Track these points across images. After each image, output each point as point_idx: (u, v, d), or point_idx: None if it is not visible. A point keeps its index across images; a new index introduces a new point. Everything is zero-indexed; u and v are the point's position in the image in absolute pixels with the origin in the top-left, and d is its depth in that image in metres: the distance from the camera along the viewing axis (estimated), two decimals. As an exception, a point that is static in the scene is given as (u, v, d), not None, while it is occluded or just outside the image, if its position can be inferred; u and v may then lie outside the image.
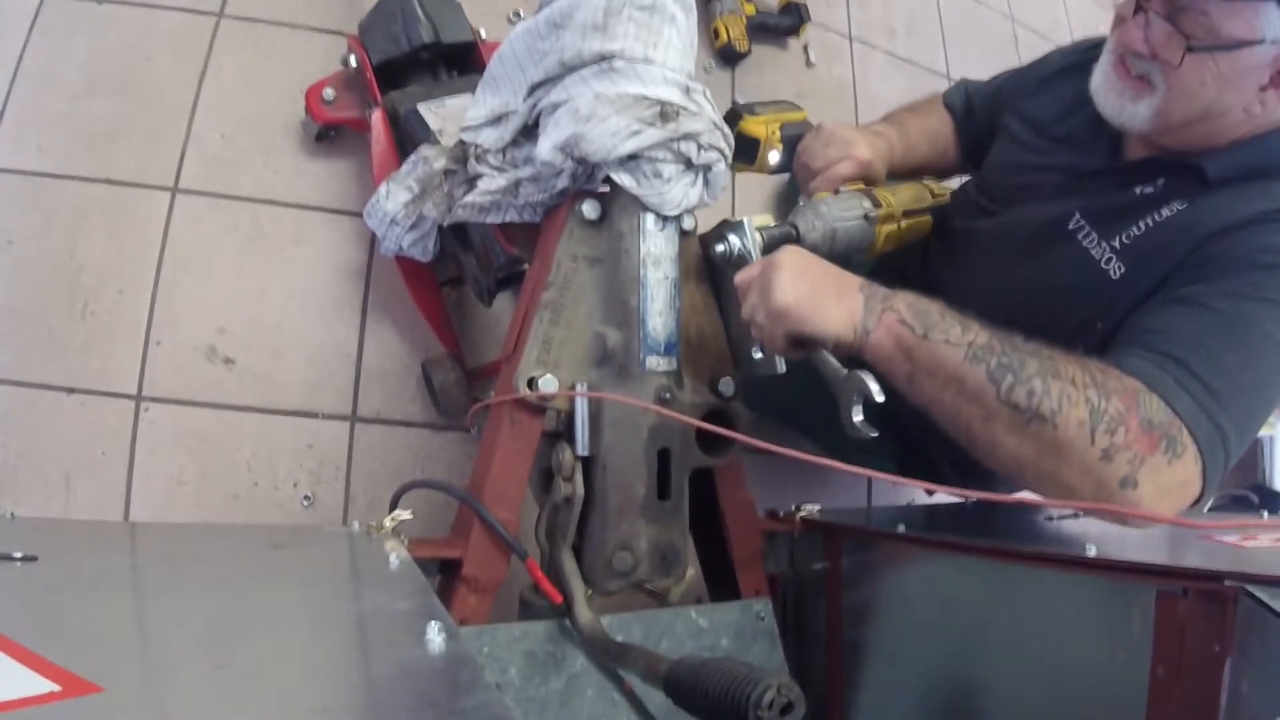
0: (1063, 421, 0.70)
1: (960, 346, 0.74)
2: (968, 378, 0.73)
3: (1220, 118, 0.84)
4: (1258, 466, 2.40)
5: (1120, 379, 0.73)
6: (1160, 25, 0.82)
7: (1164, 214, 0.87)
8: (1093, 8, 2.71)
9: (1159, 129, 0.88)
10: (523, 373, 0.86)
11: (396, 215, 1.12)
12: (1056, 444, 0.71)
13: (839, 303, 0.78)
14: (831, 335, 0.77)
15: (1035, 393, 0.71)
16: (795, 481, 1.53)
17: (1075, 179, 0.97)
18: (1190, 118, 0.85)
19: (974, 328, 0.75)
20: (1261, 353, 0.76)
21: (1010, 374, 0.72)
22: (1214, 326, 0.76)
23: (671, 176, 0.87)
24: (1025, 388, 0.71)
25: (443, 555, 0.86)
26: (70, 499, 1.19)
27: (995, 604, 0.83)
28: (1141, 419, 0.70)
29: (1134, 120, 0.88)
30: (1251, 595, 0.58)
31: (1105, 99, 0.90)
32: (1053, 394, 0.71)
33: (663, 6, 0.86)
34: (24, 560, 0.60)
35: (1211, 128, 0.86)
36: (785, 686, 0.56)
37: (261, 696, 0.43)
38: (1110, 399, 0.71)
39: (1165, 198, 0.88)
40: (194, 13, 1.41)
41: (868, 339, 0.77)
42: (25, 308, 1.23)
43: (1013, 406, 0.71)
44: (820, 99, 1.95)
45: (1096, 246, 0.90)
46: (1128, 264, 0.87)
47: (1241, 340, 0.75)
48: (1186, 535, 0.85)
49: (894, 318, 0.77)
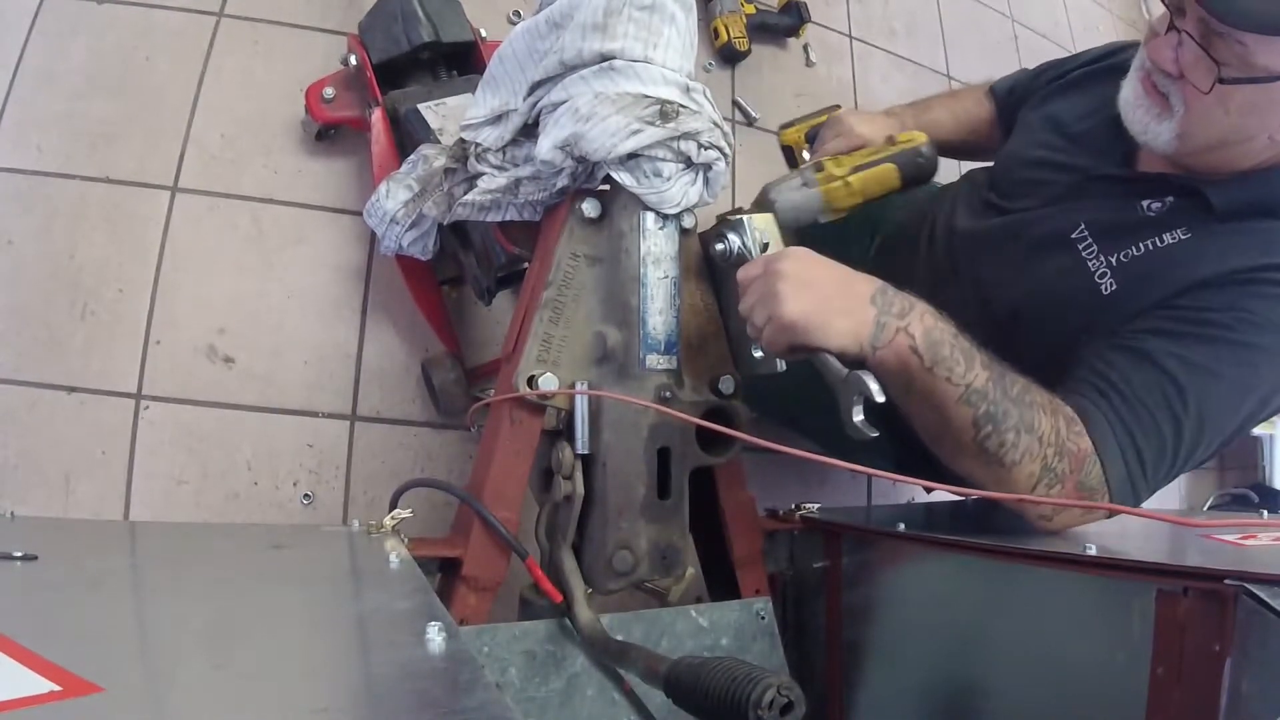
0: (1017, 472, 0.79)
1: (959, 387, 0.77)
2: (954, 417, 0.78)
3: (1243, 143, 0.84)
4: (1258, 466, 2.40)
5: (1079, 438, 0.80)
6: (1192, 47, 0.80)
7: (1166, 240, 0.87)
8: (1093, 7, 2.72)
9: (1181, 151, 0.87)
10: (523, 371, 0.86)
11: (396, 214, 1.12)
12: (1004, 482, 0.80)
13: (846, 317, 0.77)
14: (837, 349, 0.77)
15: (1005, 444, 0.78)
16: (795, 480, 1.54)
17: (1086, 180, 0.97)
18: (1211, 142, 0.85)
19: (976, 366, 0.78)
20: (1200, 432, 0.83)
21: (991, 423, 0.78)
22: (1168, 394, 0.82)
23: (671, 175, 0.87)
24: (999, 439, 0.78)
25: (443, 554, 0.86)
26: (70, 499, 1.19)
27: (995, 603, 0.83)
28: (1079, 482, 0.80)
29: (1157, 140, 0.87)
30: (1251, 595, 0.58)
31: (1132, 115, 0.89)
32: (1019, 448, 0.78)
33: (662, 6, 0.86)
34: (24, 560, 0.60)
35: (1234, 153, 0.85)
36: (785, 686, 0.56)
37: (261, 696, 0.43)
38: (1063, 459, 0.80)
39: (1170, 222, 0.88)
40: (194, 13, 1.41)
41: (874, 355, 0.77)
42: (25, 308, 1.24)
43: (982, 449, 0.79)
44: (820, 99, 1.95)
45: (1094, 259, 0.91)
46: (1120, 282, 0.88)
47: (1183, 412, 0.82)
48: (1186, 535, 0.85)
49: (906, 343, 0.77)
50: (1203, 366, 0.81)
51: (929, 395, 0.78)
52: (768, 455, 0.75)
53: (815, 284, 0.78)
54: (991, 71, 1.28)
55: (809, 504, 1.06)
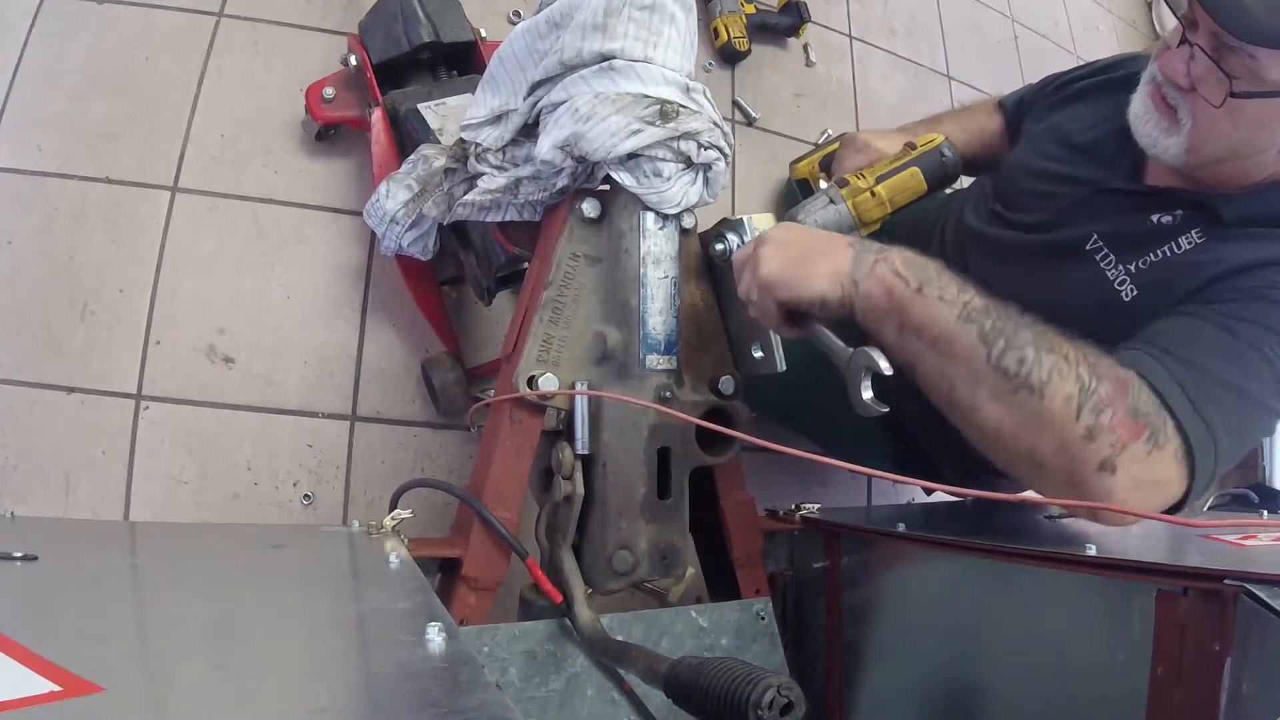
0: (1050, 393, 0.69)
1: (955, 305, 0.72)
2: (959, 337, 0.71)
3: (1253, 156, 0.83)
4: (1257, 466, 2.40)
5: (1114, 366, 0.72)
6: (1204, 60, 0.80)
7: (1181, 245, 0.87)
8: (1093, 7, 2.71)
9: (1191, 164, 0.87)
10: (523, 371, 0.86)
11: (396, 214, 1.12)
12: (1039, 415, 0.69)
13: (825, 260, 0.77)
14: (819, 294, 0.76)
15: (1027, 360, 0.69)
16: (795, 481, 1.53)
17: (1094, 194, 0.96)
18: (1220, 155, 0.84)
19: (970, 289, 0.74)
20: (1259, 375, 0.75)
21: (1003, 338, 0.70)
22: (1214, 339, 0.75)
23: (671, 175, 0.87)
24: (1017, 354, 0.70)
25: (443, 555, 0.86)
26: (70, 499, 1.19)
27: (995, 603, 0.83)
28: (1130, 405, 0.69)
29: (1166, 154, 0.87)
30: (1251, 595, 0.58)
31: (1142, 128, 0.89)
32: (1044, 364, 0.69)
33: (662, 6, 0.86)
34: (24, 560, 0.59)
35: (1244, 166, 0.85)
36: (785, 686, 0.56)
37: (261, 696, 0.43)
38: (1102, 381, 0.69)
39: (1183, 228, 0.87)
40: (194, 13, 1.41)
41: (857, 290, 0.75)
42: (25, 308, 1.23)
43: (1001, 372, 0.70)
44: (820, 99, 1.95)
45: (1113, 269, 0.90)
46: (1140, 288, 0.87)
47: (1240, 357, 0.74)
48: (1186, 534, 0.85)
49: (887, 269, 0.75)
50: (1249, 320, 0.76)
51: (925, 322, 0.73)
52: (768, 455, 0.75)
53: (795, 243, 0.80)
54: (991, 71, 1.29)
55: (809, 504, 1.06)
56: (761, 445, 0.77)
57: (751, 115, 1.84)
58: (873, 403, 0.72)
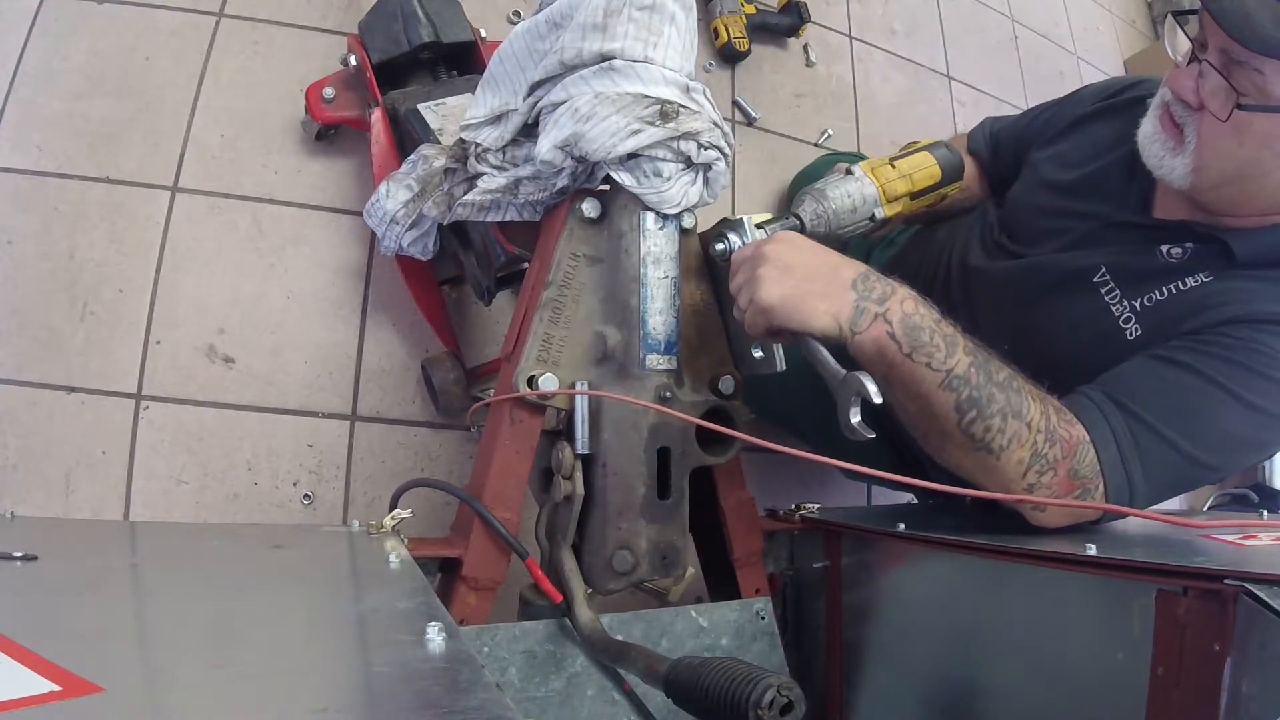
0: (1006, 458, 0.78)
1: (939, 373, 0.77)
2: (937, 402, 0.78)
3: (1260, 178, 0.83)
4: (1257, 466, 2.40)
5: (1070, 426, 0.80)
6: (1213, 77, 0.80)
7: (1188, 283, 0.87)
8: (1093, 7, 2.71)
9: (1197, 186, 0.86)
10: (523, 371, 0.86)
11: (396, 214, 1.12)
12: (993, 470, 0.79)
13: (825, 300, 0.77)
14: (816, 330, 0.77)
15: (991, 429, 0.77)
16: (795, 481, 1.54)
17: (1103, 228, 0.96)
18: (1226, 175, 0.84)
19: (958, 351, 0.77)
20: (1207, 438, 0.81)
21: (975, 408, 0.77)
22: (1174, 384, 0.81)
23: (671, 175, 0.87)
24: (984, 424, 0.77)
25: (443, 555, 0.86)
26: (70, 499, 1.19)
27: (995, 603, 0.83)
28: (1071, 469, 0.79)
29: (1172, 174, 0.87)
30: (1251, 595, 0.58)
31: (1150, 148, 0.89)
32: (1006, 433, 0.77)
33: (662, 6, 0.86)
34: (24, 560, 0.59)
35: (1251, 189, 0.84)
36: (785, 686, 0.56)
37: (261, 696, 0.43)
38: (1054, 445, 0.78)
39: (1191, 268, 0.88)
40: (194, 13, 1.41)
41: (852, 339, 0.78)
42: (25, 308, 1.24)
43: (968, 435, 0.78)
44: (820, 99, 1.95)
45: (1118, 304, 0.90)
46: (1145, 327, 0.88)
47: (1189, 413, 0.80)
48: (1186, 535, 0.85)
49: (883, 329, 0.77)
50: (1212, 377, 0.80)
51: (910, 382, 0.77)
52: (768, 455, 0.76)
53: (797, 268, 0.79)
54: (991, 71, 1.29)
55: (809, 504, 1.06)
56: (761, 445, 0.77)
57: (751, 115, 1.84)
58: (860, 427, 0.73)
